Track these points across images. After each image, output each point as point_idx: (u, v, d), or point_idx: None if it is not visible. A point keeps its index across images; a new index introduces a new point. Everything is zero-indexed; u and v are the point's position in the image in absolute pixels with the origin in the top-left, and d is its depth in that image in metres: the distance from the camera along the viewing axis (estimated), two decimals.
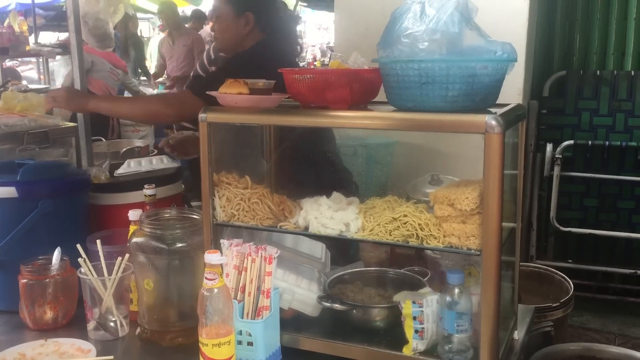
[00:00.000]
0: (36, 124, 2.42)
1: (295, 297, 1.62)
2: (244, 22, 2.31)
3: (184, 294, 1.67)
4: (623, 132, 3.64)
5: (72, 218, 1.93)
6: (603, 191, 3.71)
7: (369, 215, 1.52)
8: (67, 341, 1.63)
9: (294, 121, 1.60)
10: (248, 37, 2.34)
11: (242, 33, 2.33)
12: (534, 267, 3.30)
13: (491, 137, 1.30)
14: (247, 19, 2.31)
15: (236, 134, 1.79)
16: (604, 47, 3.78)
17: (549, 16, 3.80)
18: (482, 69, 1.35)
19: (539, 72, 3.82)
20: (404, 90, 1.40)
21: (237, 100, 1.57)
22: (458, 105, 1.37)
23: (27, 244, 1.82)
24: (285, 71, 1.55)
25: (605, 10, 3.74)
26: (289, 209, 1.61)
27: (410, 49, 1.37)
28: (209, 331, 1.38)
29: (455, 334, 1.43)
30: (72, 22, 2.64)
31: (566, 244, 3.81)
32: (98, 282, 1.67)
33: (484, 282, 1.37)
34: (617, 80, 3.65)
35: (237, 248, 1.55)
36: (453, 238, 1.42)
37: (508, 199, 1.48)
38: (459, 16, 1.37)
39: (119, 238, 1.89)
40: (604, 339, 3.44)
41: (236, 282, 1.54)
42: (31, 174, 1.87)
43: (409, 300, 1.49)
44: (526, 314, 1.80)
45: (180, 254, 1.64)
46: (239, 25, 2.32)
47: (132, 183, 2.11)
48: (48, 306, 1.74)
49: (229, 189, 1.62)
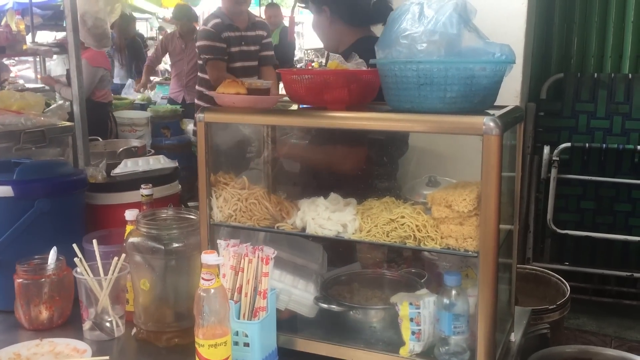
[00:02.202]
0: (33, 123, 2.42)
1: (292, 298, 1.62)
2: (324, 17, 2.24)
3: (180, 294, 1.66)
4: (620, 134, 3.64)
5: (69, 218, 1.92)
6: (600, 194, 3.72)
7: (367, 216, 1.52)
8: (62, 341, 1.62)
9: (291, 122, 1.60)
10: None
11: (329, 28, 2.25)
12: (530, 269, 3.30)
13: (489, 139, 1.30)
14: (325, 14, 2.23)
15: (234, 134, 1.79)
16: (601, 49, 3.79)
17: (546, 18, 3.81)
18: (481, 71, 1.35)
19: (537, 75, 3.82)
20: (402, 91, 1.40)
21: (235, 100, 1.56)
22: (456, 106, 1.37)
23: (23, 243, 1.82)
24: (284, 72, 1.55)
25: (602, 13, 3.74)
26: (286, 210, 1.61)
27: (408, 50, 1.37)
28: (205, 332, 1.38)
29: (452, 335, 1.43)
30: (69, 21, 2.63)
31: (563, 247, 3.82)
32: (94, 282, 1.67)
33: (481, 284, 1.37)
34: (615, 83, 3.66)
35: (234, 248, 1.55)
36: (450, 240, 1.42)
37: (505, 201, 1.48)
38: (457, 18, 1.37)
39: (116, 238, 1.88)
40: (601, 342, 3.44)
41: (233, 282, 1.54)
42: (27, 173, 1.87)
43: (405, 302, 1.48)
44: (523, 316, 1.80)
45: (177, 254, 1.64)
46: (323, 21, 2.25)
47: (129, 183, 2.10)
48: (44, 306, 1.74)
49: (226, 189, 1.62)
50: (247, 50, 4.26)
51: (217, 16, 4.20)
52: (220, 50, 4.08)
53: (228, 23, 4.15)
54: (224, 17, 4.17)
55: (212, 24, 4.13)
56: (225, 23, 4.14)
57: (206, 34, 4.14)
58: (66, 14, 2.63)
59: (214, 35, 4.09)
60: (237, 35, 4.18)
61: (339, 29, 2.24)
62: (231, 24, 4.15)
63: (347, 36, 2.24)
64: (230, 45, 4.15)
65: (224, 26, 4.13)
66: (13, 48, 5.00)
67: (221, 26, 4.13)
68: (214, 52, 4.08)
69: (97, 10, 4.08)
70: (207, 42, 4.10)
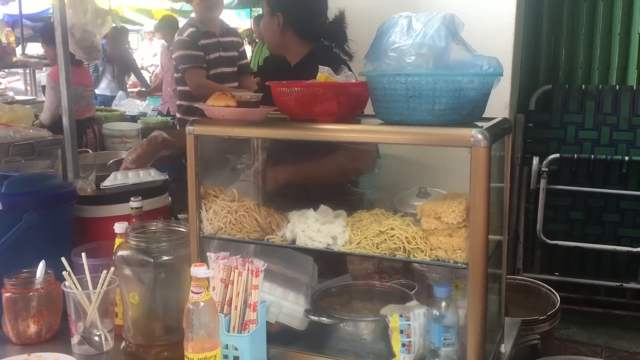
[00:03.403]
0: (22, 135, 2.41)
1: (282, 311, 1.61)
2: (275, 21, 2.24)
3: (169, 307, 1.65)
4: (608, 145, 3.68)
5: (57, 231, 1.91)
6: (589, 204, 3.74)
7: (356, 228, 1.52)
8: (50, 356, 1.61)
9: (281, 134, 1.60)
10: None
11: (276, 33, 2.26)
12: (520, 280, 3.31)
13: (477, 151, 1.31)
14: (277, 19, 2.23)
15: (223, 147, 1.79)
16: (589, 61, 3.84)
17: (534, 31, 3.85)
18: (469, 83, 1.36)
19: (526, 86, 3.86)
20: (391, 103, 1.40)
21: (224, 112, 1.57)
22: (445, 118, 1.37)
23: (11, 256, 1.80)
24: (273, 84, 1.56)
25: (590, 25, 3.79)
26: (276, 222, 1.61)
27: (397, 63, 1.38)
28: (194, 345, 1.37)
29: (442, 347, 1.43)
30: (59, 34, 2.64)
31: (553, 257, 3.83)
32: (82, 296, 1.65)
33: (470, 295, 1.37)
34: (602, 94, 3.70)
35: (223, 261, 1.55)
36: (440, 251, 1.42)
37: (494, 212, 1.48)
38: (445, 31, 1.38)
39: (105, 251, 1.87)
40: (591, 352, 3.45)
41: (222, 295, 1.53)
42: (16, 186, 1.85)
43: (396, 314, 1.48)
44: (513, 327, 1.80)
45: (166, 267, 1.63)
46: (273, 24, 2.25)
47: (119, 195, 2.09)
48: (32, 320, 1.72)
49: (215, 202, 1.62)
50: (225, 56, 4.23)
51: (192, 25, 4.15)
52: (198, 59, 4.01)
53: (204, 30, 4.11)
54: (198, 25, 4.13)
55: (188, 33, 4.07)
56: (201, 31, 4.09)
57: (182, 44, 4.06)
58: (56, 27, 2.64)
59: (191, 43, 4.03)
60: (214, 41, 4.15)
61: (290, 38, 2.25)
62: (207, 31, 4.12)
63: (298, 46, 2.25)
64: (208, 53, 4.10)
65: (200, 34, 4.08)
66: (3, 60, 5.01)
67: (197, 34, 4.07)
68: (191, 60, 4.00)
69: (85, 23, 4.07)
70: (184, 52, 4.02)
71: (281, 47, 2.29)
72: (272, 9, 2.25)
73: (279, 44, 2.29)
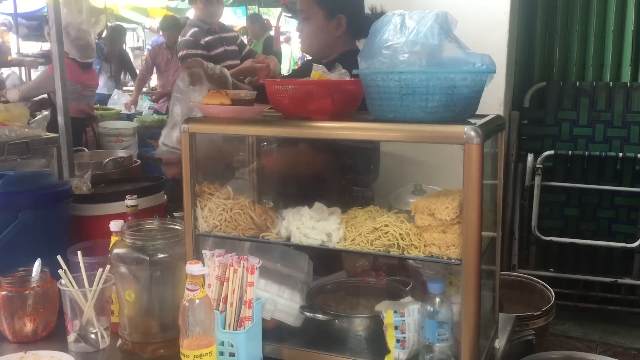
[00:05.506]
0: (17, 134, 2.41)
1: (277, 308, 1.62)
2: (335, 25, 2.20)
3: (165, 305, 1.66)
4: (602, 142, 3.69)
5: (53, 229, 1.92)
6: (583, 201, 3.76)
7: (351, 225, 1.53)
8: (47, 353, 1.61)
9: (275, 132, 1.61)
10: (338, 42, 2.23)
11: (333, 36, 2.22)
12: (515, 276, 3.32)
13: (470, 148, 1.32)
14: (339, 21, 2.20)
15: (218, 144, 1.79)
16: (583, 58, 3.84)
17: (529, 28, 3.86)
18: (462, 81, 1.37)
19: (520, 83, 3.87)
20: (385, 101, 1.41)
21: (219, 110, 1.57)
22: (438, 116, 1.38)
23: (7, 255, 1.80)
24: (267, 82, 1.56)
25: (584, 22, 3.80)
26: (271, 219, 1.62)
27: (390, 61, 1.38)
28: (190, 342, 1.38)
29: (437, 343, 1.44)
30: (54, 32, 2.63)
31: (547, 253, 3.85)
32: (79, 294, 1.66)
33: (464, 291, 1.38)
34: (596, 91, 3.71)
35: (219, 259, 1.55)
36: (434, 247, 1.43)
37: (488, 209, 1.49)
38: (438, 28, 1.39)
39: (100, 249, 1.87)
40: (586, 347, 3.47)
41: (218, 292, 1.54)
42: (11, 185, 1.86)
43: (390, 310, 1.49)
44: (507, 322, 1.81)
45: (162, 265, 1.64)
46: (330, 28, 2.21)
47: (114, 194, 2.10)
48: (28, 318, 1.72)
49: (210, 200, 1.62)
50: (230, 49, 4.32)
51: (194, 25, 4.25)
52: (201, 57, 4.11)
53: (206, 28, 4.19)
54: (200, 24, 4.22)
55: (191, 33, 4.18)
56: (204, 29, 4.18)
57: (185, 44, 4.18)
58: (50, 25, 2.63)
59: (193, 43, 4.15)
60: (217, 37, 4.23)
61: (341, 37, 2.22)
62: (209, 29, 4.20)
63: (340, 46, 2.23)
64: (213, 48, 4.19)
65: (202, 32, 4.18)
66: None
67: (200, 33, 4.17)
68: None
69: (80, 22, 4.08)
70: (187, 51, 4.13)
71: (328, 48, 2.24)
72: (332, 11, 2.19)
73: (328, 48, 2.24)
